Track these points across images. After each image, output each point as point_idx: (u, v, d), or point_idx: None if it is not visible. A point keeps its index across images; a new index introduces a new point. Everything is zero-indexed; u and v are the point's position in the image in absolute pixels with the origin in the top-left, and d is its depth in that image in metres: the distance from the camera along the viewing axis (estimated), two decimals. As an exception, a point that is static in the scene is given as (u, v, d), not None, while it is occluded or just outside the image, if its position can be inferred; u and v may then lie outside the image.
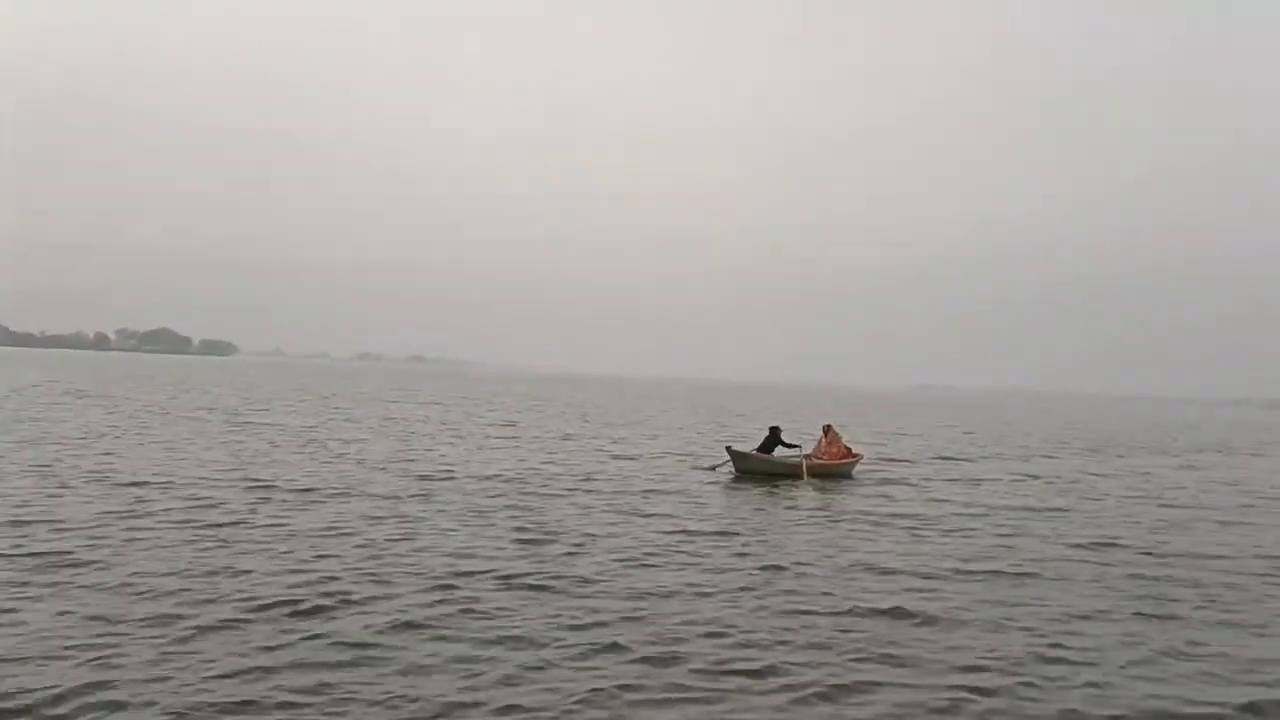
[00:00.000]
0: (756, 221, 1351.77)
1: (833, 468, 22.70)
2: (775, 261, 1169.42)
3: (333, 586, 9.59)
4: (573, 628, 8.55)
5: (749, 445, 24.48)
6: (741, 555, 12.38)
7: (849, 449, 23.74)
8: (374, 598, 9.25)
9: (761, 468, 22.19)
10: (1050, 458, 33.21)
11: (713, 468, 22.94)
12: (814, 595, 10.33)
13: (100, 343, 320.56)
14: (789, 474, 21.84)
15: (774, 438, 23.39)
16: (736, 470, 22.21)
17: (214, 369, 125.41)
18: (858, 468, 23.77)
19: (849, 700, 7.14)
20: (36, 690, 6.54)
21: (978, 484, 22.83)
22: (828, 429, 24.01)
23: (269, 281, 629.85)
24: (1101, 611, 10.09)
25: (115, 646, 7.51)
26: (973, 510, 17.81)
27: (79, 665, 7.09)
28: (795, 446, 23.37)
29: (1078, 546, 14.20)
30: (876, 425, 51.48)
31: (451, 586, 9.83)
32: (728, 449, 22.78)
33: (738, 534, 13.95)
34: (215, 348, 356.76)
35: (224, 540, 11.66)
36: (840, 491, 20.05)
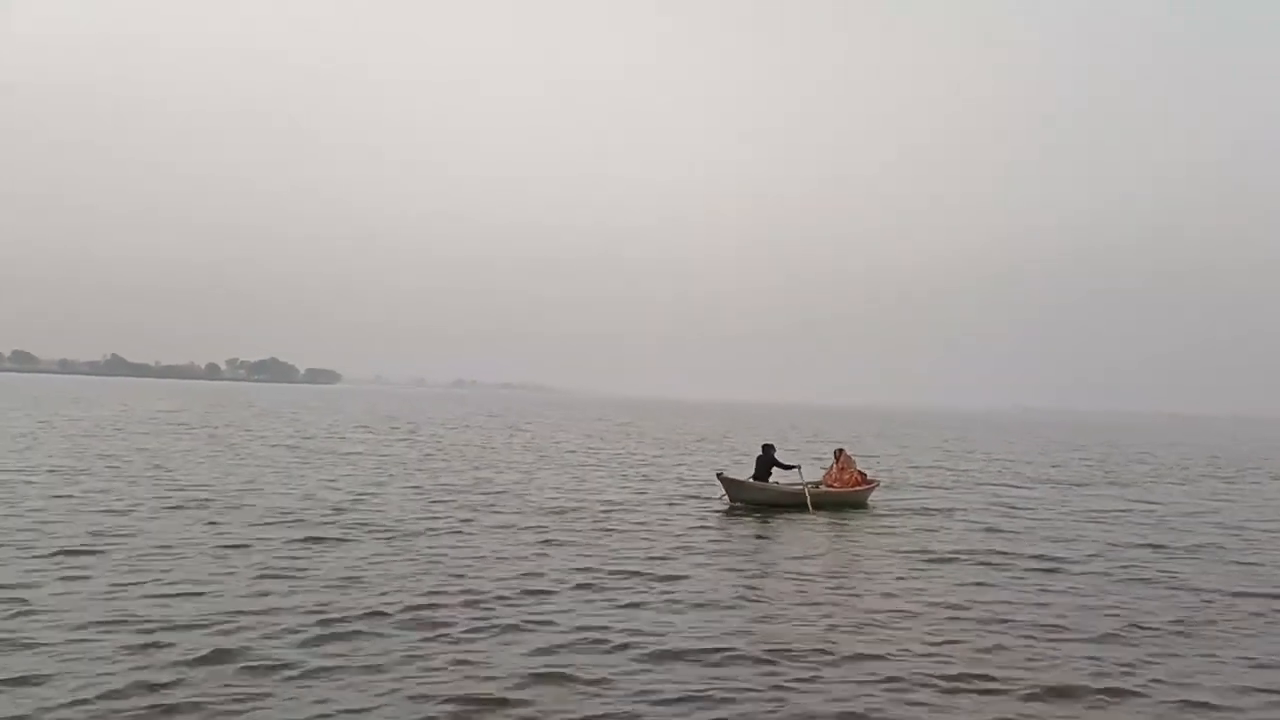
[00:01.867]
0: (809, 234, 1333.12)
1: (843, 496, 20.43)
2: (839, 277, 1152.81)
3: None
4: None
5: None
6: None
7: (863, 475, 21.52)
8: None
9: (760, 497, 19.74)
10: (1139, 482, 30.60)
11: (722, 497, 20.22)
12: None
13: (212, 372, 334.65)
14: (792, 504, 19.54)
15: (768, 459, 20.62)
16: (730, 500, 19.85)
17: (357, 397, 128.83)
18: (874, 495, 21.58)
19: None
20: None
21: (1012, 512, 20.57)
22: (839, 453, 21.81)
23: (368, 312, 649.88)
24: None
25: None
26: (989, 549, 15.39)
27: None
28: (794, 467, 20.84)
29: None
30: (980, 448, 48.93)
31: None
32: (719, 476, 20.45)
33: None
34: (320, 376, 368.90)
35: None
36: (851, 525, 17.81)
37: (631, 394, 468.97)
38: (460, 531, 14.99)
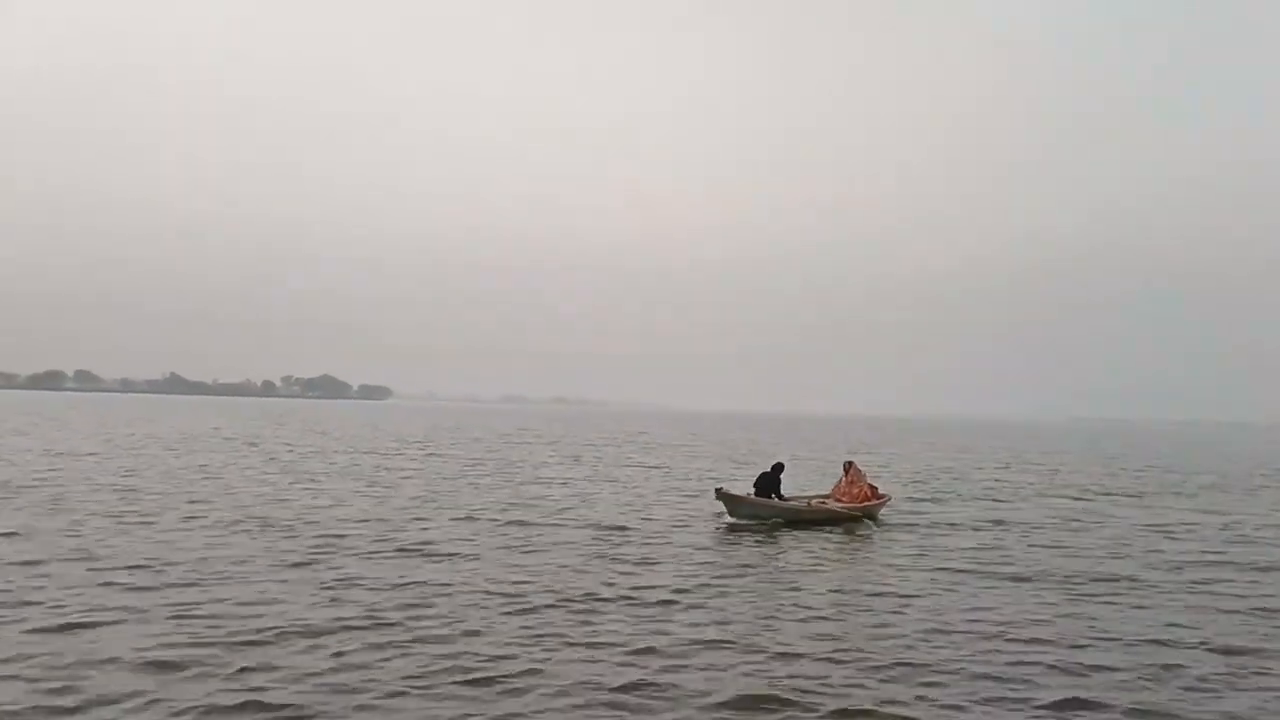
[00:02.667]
0: (834, 241, 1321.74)
1: (851, 512, 19.20)
2: (869, 285, 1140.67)
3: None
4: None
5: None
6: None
7: (874, 489, 20.37)
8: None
9: (763, 513, 18.67)
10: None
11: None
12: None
13: (267, 389, 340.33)
14: (796, 520, 18.61)
15: (774, 478, 19.54)
16: (731, 516, 18.73)
17: (418, 415, 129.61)
18: (884, 510, 20.40)
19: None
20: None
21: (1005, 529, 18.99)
22: (849, 466, 20.95)
23: (422, 328, 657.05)
24: None
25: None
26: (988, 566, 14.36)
27: None
28: (789, 499, 19.56)
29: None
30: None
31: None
32: (717, 491, 19.06)
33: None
34: (373, 392, 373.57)
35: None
36: (860, 542, 16.81)
37: (681, 407, 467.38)
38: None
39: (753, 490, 19.37)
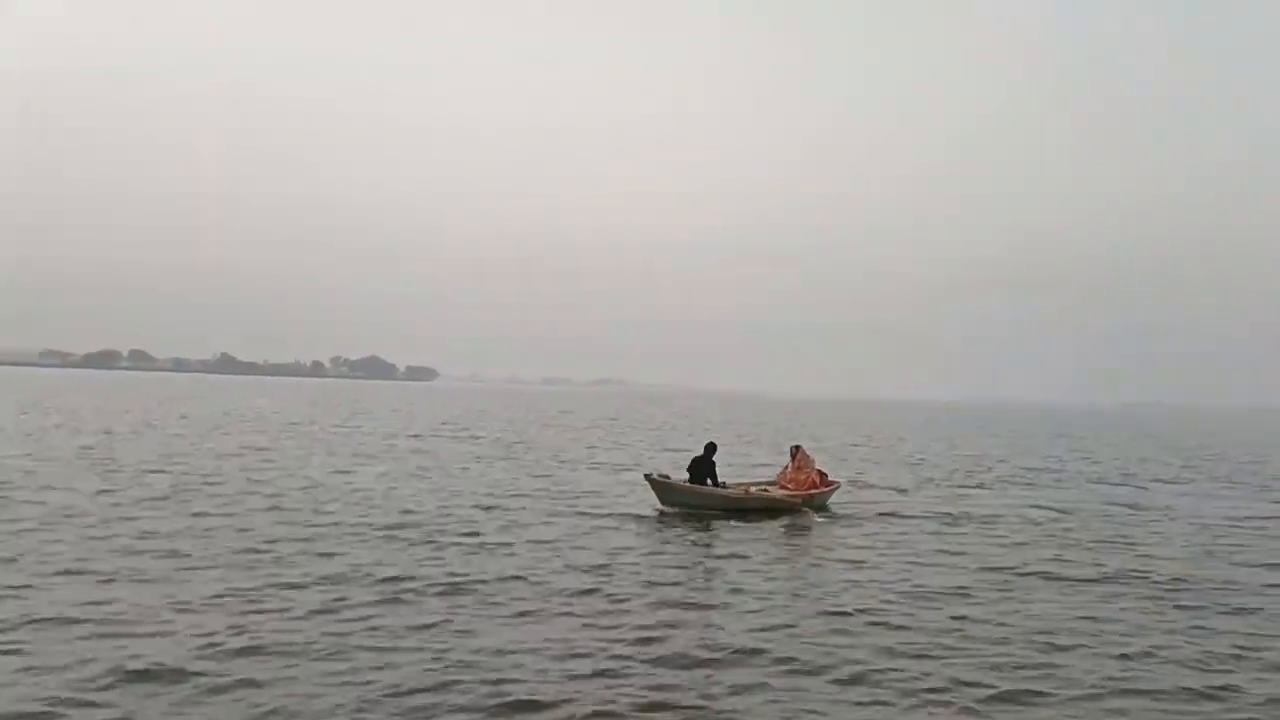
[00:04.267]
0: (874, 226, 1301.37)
1: (792, 500, 17.51)
2: (904, 270, 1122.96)
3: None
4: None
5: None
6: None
7: (823, 475, 18.68)
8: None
9: (695, 501, 17.11)
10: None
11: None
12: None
13: (316, 370, 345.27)
14: (733, 509, 16.98)
15: (708, 460, 17.86)
16: (661, 504, 17.26)
17: (467, 396, 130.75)
18: (835, 498, 18.84)
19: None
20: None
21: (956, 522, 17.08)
22: (796, 450, 19.03)
23: (466, 311, 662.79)
24: None
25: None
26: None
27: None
28: (723, 485, 17.84)
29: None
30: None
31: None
32: (648, 478, 17.49)
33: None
34: (419, 374, 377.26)
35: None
36: (802, 532, 15.48)
37: (717, 388, 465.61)
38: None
39: (686, 475, 17.85)
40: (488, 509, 16.42)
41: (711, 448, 18.19)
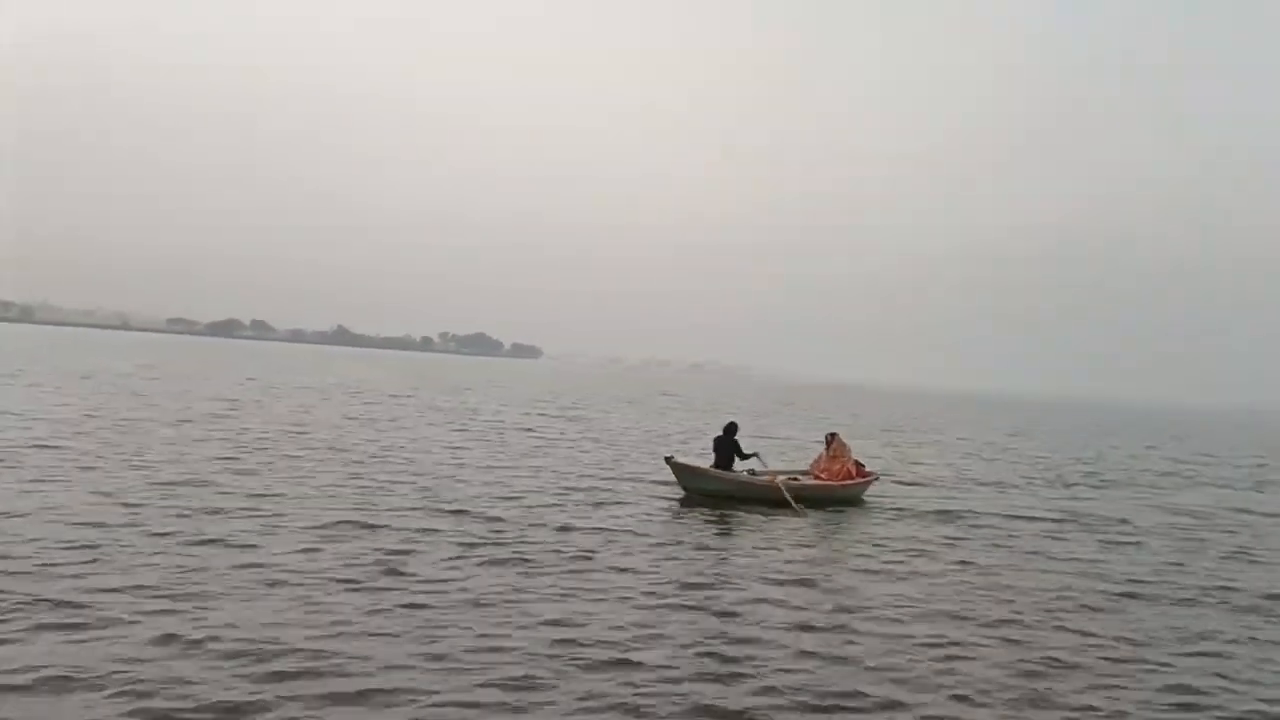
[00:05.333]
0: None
1: (830, 492, 16.76)
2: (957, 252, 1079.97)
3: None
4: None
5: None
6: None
7: (860, 466, 17.72)
8: None
9: (721, 488, 16.26)
10: None
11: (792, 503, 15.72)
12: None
13: (425, 344, 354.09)
14: (762, 499, 16.00)
15: (730, 442, 17.29)
16: (683, 489, 16.54)
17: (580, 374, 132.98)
18: (870, 491, 17.92)
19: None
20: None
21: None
22: (831, 438, 18.08)
23: (569, 290, 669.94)
24: None
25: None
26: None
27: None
28: (752, 455, 17.46)
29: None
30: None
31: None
32: (669, 461, 16.52)
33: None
34: (524, 351, 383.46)
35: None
36: (841, 527, 14.55)
37: (822, 375, 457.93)
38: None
39: (714, 458, 17.34)
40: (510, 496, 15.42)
41: (732, 427, 17.68)
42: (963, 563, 12.24)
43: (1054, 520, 16.64)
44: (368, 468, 17.47)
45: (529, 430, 29.59)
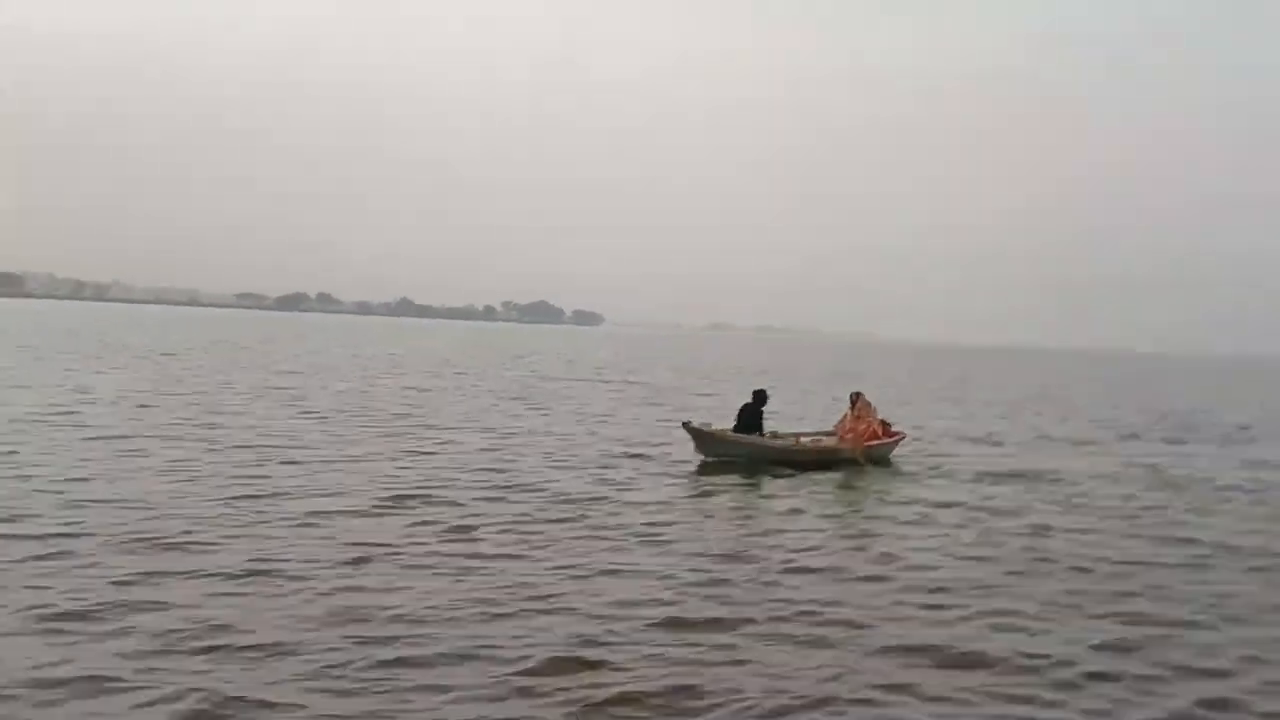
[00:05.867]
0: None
1: (850, 452, 16.32)
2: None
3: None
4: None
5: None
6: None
7: (886, 426, 17.31)
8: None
9: (740, 452, 15.87)
10: None
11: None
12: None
13: (487, 314, 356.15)
14: (781, 461, 15.74)
15: (756, 409, 16.75)
16: (702, 456, 15.93)
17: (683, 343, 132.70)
18: (899, 451, 17.45)
19: None
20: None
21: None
22: (856, 398, 17.46)
23: (634, 255, 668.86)
24: None
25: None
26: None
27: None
28: (772, 435, 16.89)
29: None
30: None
31: None
32: (686, 426, 16.02)
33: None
34: (585, 319, 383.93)
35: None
36: (867, 491, 14.13)
37: (897, 337, 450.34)
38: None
39: (734, 424, 16.60)
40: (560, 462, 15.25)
41: (761, 396, 17.08)
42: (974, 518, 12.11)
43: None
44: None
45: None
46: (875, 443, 16.67)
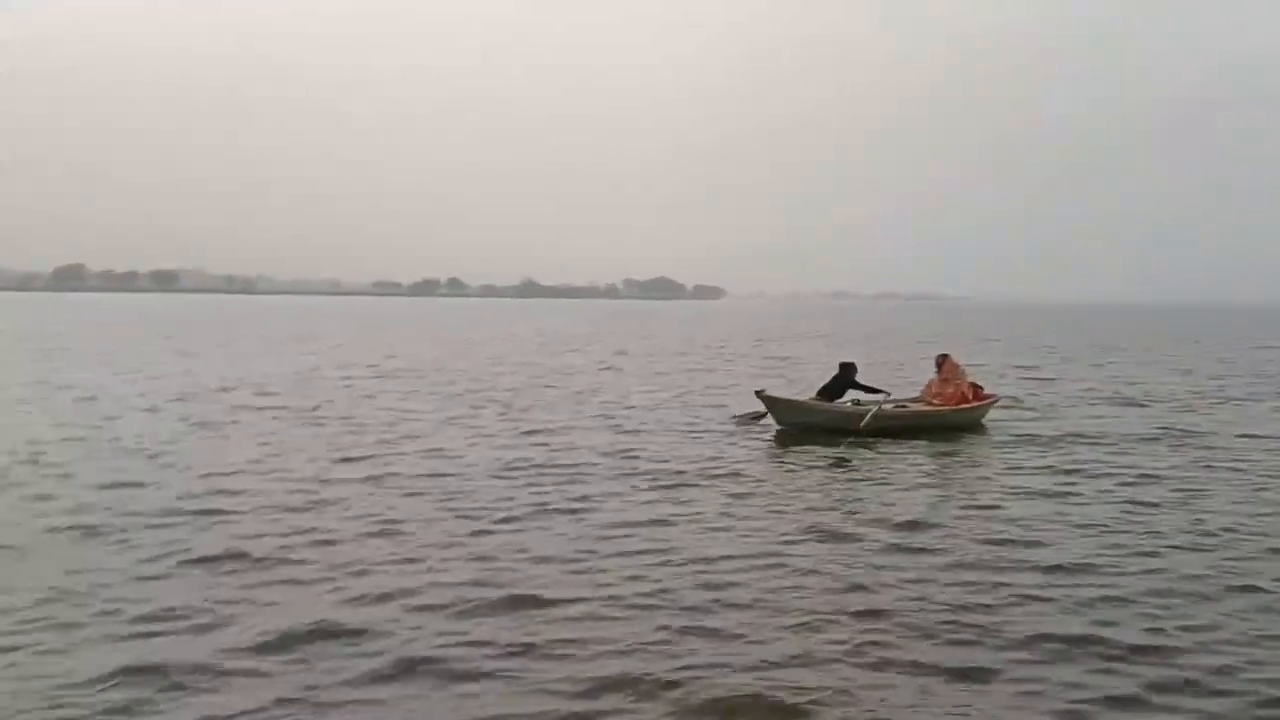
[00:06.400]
0: None
1: (941, 417, 15.43)
2: None
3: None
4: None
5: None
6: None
7: (977, 388, 16.28)
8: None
9: (820, 420, 15.09)
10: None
11: (755, 417, 15.82)
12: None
13: (609, 292, 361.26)
14: (858, 427, 14.56)
15: (846, 379, 16.08)
16: (778, 424, 15.35)
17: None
18: (992, 415, 16.40)
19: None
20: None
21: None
22: (943, 360, 16.56)
23: (753, 227, 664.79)
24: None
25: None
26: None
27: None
28: (881, 392, 15.84)
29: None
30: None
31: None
32: (760, 395, 15.36)
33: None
34: (706, 292, 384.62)
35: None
36: (947, 457, 13.24)
37: (1033, 298, 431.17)
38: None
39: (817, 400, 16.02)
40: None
41: (849, 368, 16.39)
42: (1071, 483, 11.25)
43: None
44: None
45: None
46: (965, 406, 15.77)
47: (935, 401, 15.96)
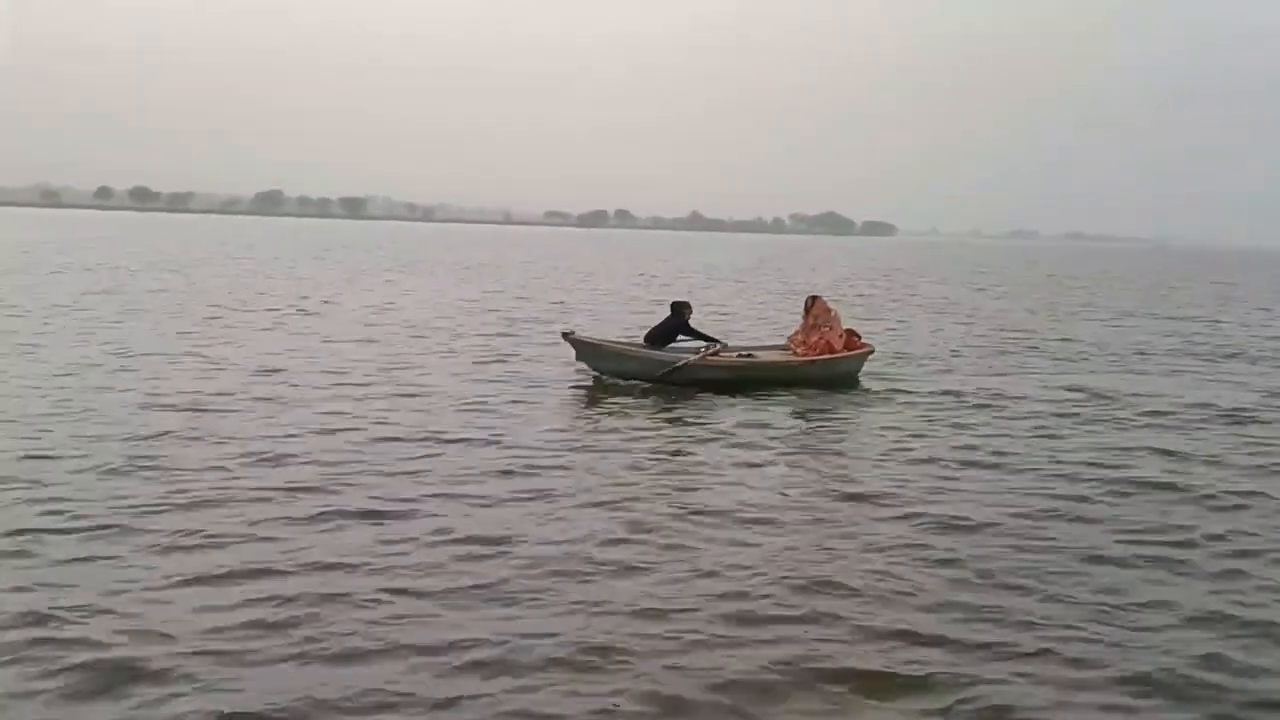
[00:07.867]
0: None
1: (784, 369, 13.20)
2: None
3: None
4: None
5: None
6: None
7: (853, 335, 13.66)
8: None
9: (631, 368, 12.83)
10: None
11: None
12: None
13: (776, 226, 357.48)
14: (689, 379, 12.53)
15: (676, 321, 13.69)
16: (592, 371, 13.19)
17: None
18: (868, 368, 13.83)
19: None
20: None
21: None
22: (812, 302, 14.09)
23: (925, 161, 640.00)
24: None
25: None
26: None
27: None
28: (715, 341, 13.58)
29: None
30: None
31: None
32: (566, 337, 13.15)
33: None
34: (876, 229, 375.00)
35: None
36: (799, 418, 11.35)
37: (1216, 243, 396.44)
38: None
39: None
40: None
41: (682, 307, 14.00)
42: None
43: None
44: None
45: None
46: (828, 356, 13.20)
47: (799, 351, 13.66)
